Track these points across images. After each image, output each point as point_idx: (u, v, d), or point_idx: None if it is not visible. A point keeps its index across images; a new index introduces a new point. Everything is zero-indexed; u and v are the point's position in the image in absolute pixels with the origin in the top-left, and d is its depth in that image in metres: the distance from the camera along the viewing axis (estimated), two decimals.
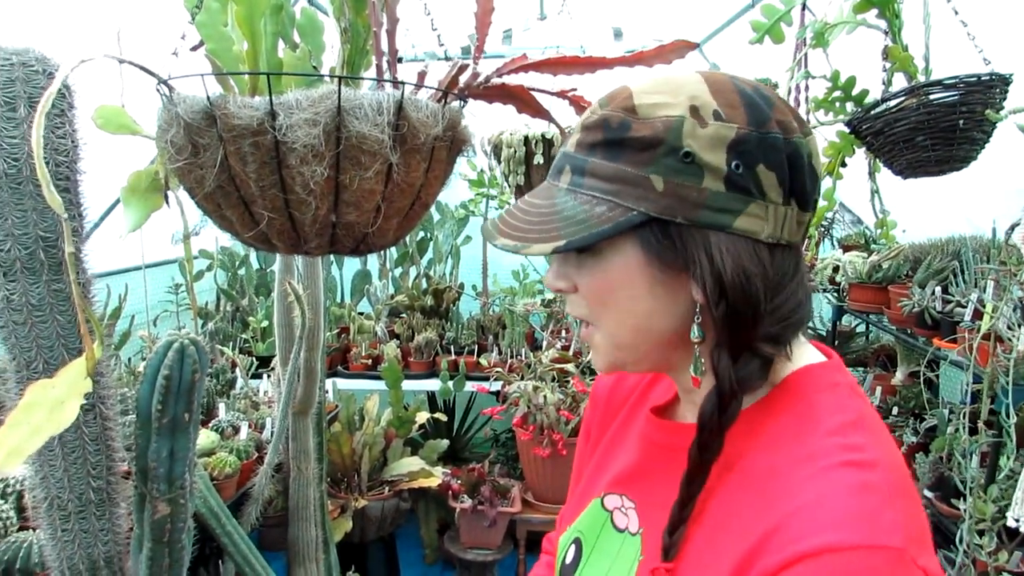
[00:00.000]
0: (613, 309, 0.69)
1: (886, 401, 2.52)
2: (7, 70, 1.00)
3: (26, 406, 0.85)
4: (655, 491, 0.76)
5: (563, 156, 0.69)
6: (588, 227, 0.64)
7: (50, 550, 1.16)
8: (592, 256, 0.68)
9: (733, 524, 0.63)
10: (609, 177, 0.64)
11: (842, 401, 0.66)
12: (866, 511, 0.56)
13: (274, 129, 0.85)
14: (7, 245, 1.01)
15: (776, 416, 0.67)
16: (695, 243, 0.63)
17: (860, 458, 0.60)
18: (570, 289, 0.72)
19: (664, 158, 0.62)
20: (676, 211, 0.63)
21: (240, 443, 2.33)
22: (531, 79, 1.07)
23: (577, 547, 0.83)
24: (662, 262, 0.65)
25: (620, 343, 0.71)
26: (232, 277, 4.00)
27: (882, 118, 1.41)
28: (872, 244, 2.94)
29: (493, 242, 0.67)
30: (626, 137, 0.64)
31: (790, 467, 0.62)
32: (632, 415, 0.90)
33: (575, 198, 0.66)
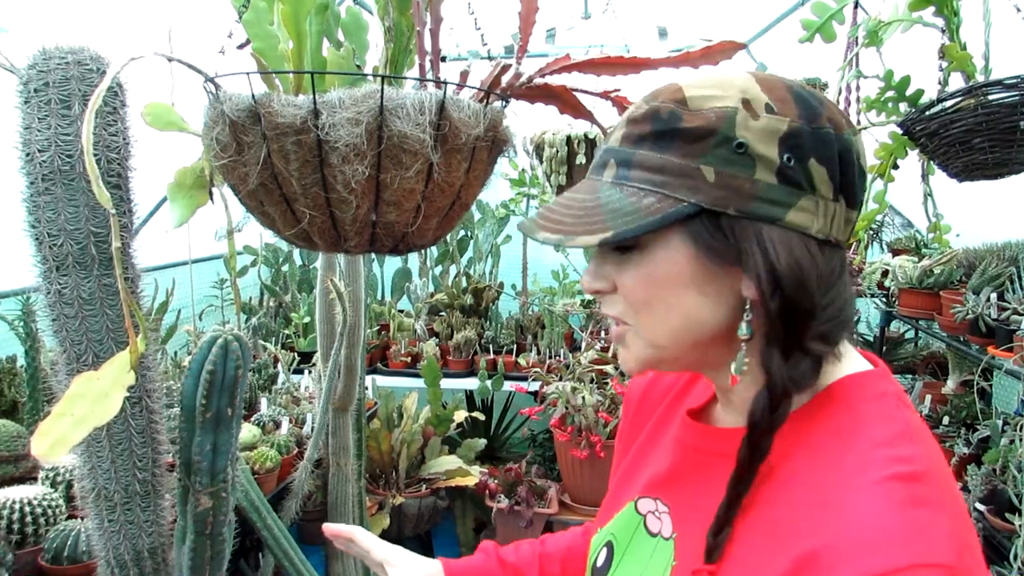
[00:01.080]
0: (656, 306, 0.67)
1: (936, 410, 2.45)
2: (62, 68, 1.02)
3: (71, 397, 0.87)
4: (690, 496, 0.76)
5: (606, 151, 0.68)
6: (636, 219, 0.62)
7: (97, 539, 1.19)
8: (637, 252, 0.66)
9: (778, 531, 0.61)
10: (658, 168, 0.63)
11: (889, 411, 0.65)
12: (915, 527, 0.55)
13: (317, 128, 0.86)
14: (60, 240, 1.03)
15: (821, 423, 0.65)
16: (747, 235, 0.62)
17: (908, 470, 0.59)
18: (609, 289, 0.70)
19: (716, 148, 0.62)
20: (728, 202, 0.62)
21: (281, 438, 2.36)
22: (574, 79, 1.06)
23: (609, 550, 0.83)
24: (712, 255, 0.63)
25: (658, 342, 0.68)
26: (276, 273, 4.06)
27: (937, 119, 1.36)
28: (923, 248, 2.87)
29: (533, 236, 0.65)
30: (677, 128, 0.63)
31: (836, 477, 0.60)
32: (667, 417, 0.89)
33: (621, 191, 0.64)
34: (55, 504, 1.70)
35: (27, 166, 1.03)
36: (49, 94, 1.02)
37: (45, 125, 1.01)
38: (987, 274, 2.04)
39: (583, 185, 0.68)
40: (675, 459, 0.80)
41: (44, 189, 1.03)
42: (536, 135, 2.61)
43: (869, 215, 1.68)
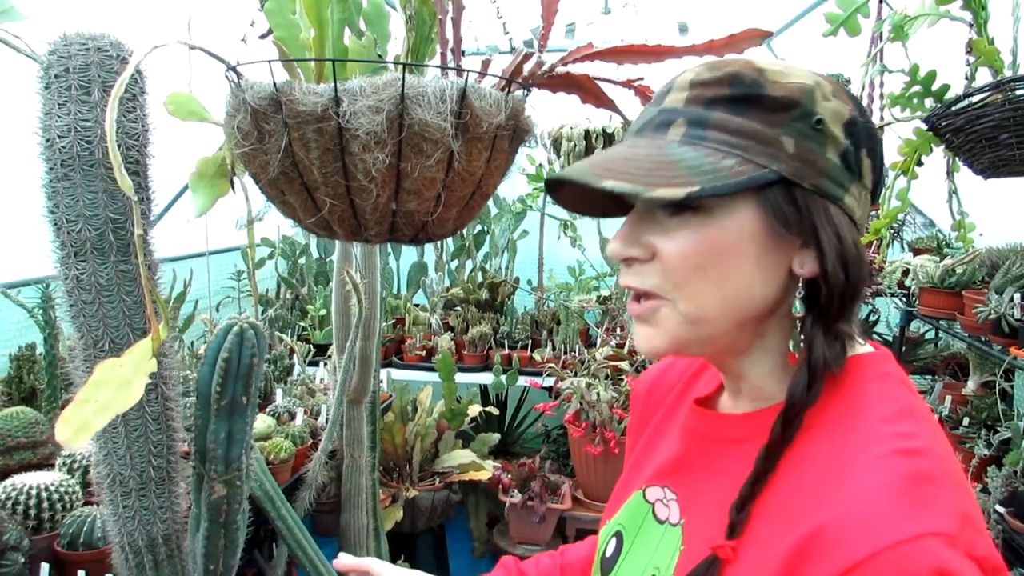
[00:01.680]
0: (709, 276, 0.64)
1: (956, 411, 2.42)
2: (83, 54, 1.02)
3: (94, 383, 0.87)
4: (697, 482, 0.76)
5: (669, 111, 0.66)
6: (721, 177, 0.61)
7: (111, 525, 1.19)
8: (697, 216, 0.64)
9: (789, 507, 0.62)
10: (738, 132, 0.63)
11: (891, 390, 0.66)
12: (919, 500, 0.56)
13: (338, 116, 0.85)
14: (78, 226, 1.03)
15: (827, 402, 0.66)
16: (818, 211, 0.63)
17: (911, 446, 0.60)
18: (645, 257, 0.66)
19: (796, 121, 0.63)
20: (804, 176, 0.62)
21: (296, 429, 2.37)
22: (596, 68, 1.05)
23: (618, 540, 0.83)
24: (780, 227, 0.63)
25: (702, 316, 0.66)
26: (292, 266, 4.08)
27: (964, 114, 1.33)
28: (945, 248, 2.83)
29: (596, 184, 0.60)
30: (760, 94, 0.63)
31: (842, 454, 0.61)
32: (673, 409, 0.89)
33: (696, 149, 0.62)
34: (72, 490, 1.71)
35: (47, 152, 1.03)
36: (69, 80, 1.02)
37: (65, 111, 1.01)
38: (1010, 274, 2.01)
39: (640, 142, 0.66)
40: (683, 447, 0.80)
41: (63, 175, 1.03)
42: (554, 129, 2.60)
43: (891, 213, 1.65)
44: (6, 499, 1.62)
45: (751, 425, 0.72)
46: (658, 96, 0.69)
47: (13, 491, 1.63)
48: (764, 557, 0.61)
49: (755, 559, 0.62)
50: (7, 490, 1.64)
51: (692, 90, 0.65)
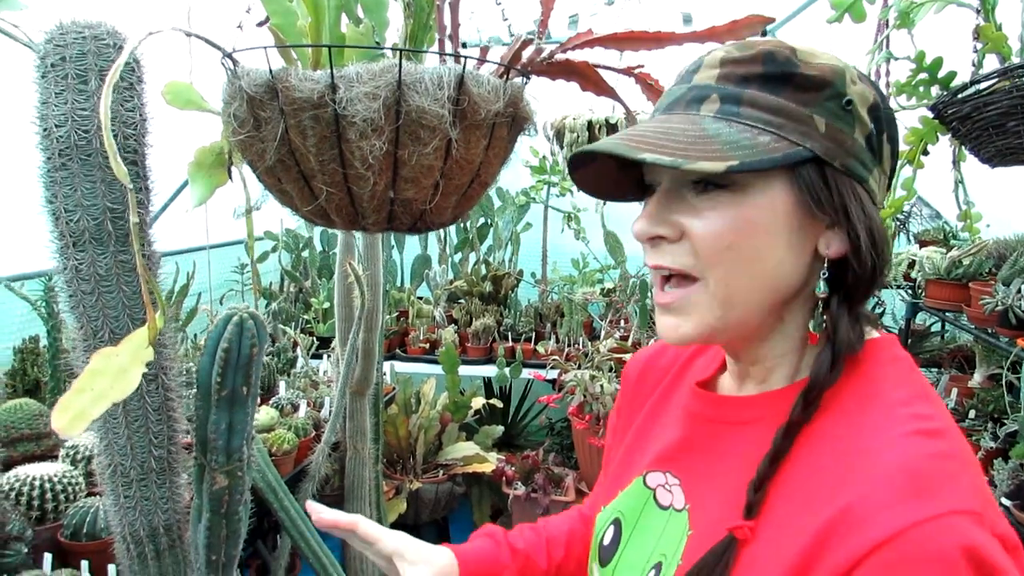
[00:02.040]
0: (742, 254, 0.64)
1: (963, 404, 2.40)
2: (79, 43, 1.01)
3: (91, 372, 0.87)
4: (701, 466, 0.76)
5: (701, 87, 0.66)
6: (758, 153, 0.61)
7: (113, 515, 1.19)
8: (729, 193, 0.64)
9: (810, 487, 0.62)
10: (772, 109, 0.63)
11: (905, 373, 0.67)
12: (943, 478, 0.57)
13: (334, 102, 0.84)
14: (76, 215, 1.03)
15: (843, 383, 0.66)
16: (847, 190, 0.64)
17: (929, 427, 0.61)
18: (674, 236, 0.66)
19: (827, 101, 0.64)
20: (835, 155, 0.63)
21: (299, 421, 2.37)
22: (596, 55, 1.04)
23: (616, 527, 0.83)
24: (810, 206, 0.64)
25: (732, 299, 0.66)
26: (296, 259, 4.08)
27: (970, 102, 1.32)
28: (952, 239, 2.81)
29: (635, 156, 0.60)
30: (793, 72, 0.64)
31: (861, 435, 0.62)
32: (668, 394, 0.89)
33: (730, 125, 0.63)
34: (75, 481, 1.72)
35: (44, 142, 1.03)
36: (66, 69, 1.01)
37: (62, 100, 1.01)
38: (1018, 265, 1.99)
39: (672, 117, 0.66)
40: (686, 431, 0.80)
41: (61, 164, 1.02)
42: (557, 120, 2.59)
43: (897, 203, 1.64)
44: (10, 490, 1.62)
45: (759, 407, 0.73)
46: (686, 74, 0.69)
47: (17, 482, 1.64)
48: (784, 537, 0.61)
49: (774, 539, 0.62)
50: (11, 481, 1.64)
51: (723, 67, 0.66)
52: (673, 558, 0.72)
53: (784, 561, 0.60)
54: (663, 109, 0.69)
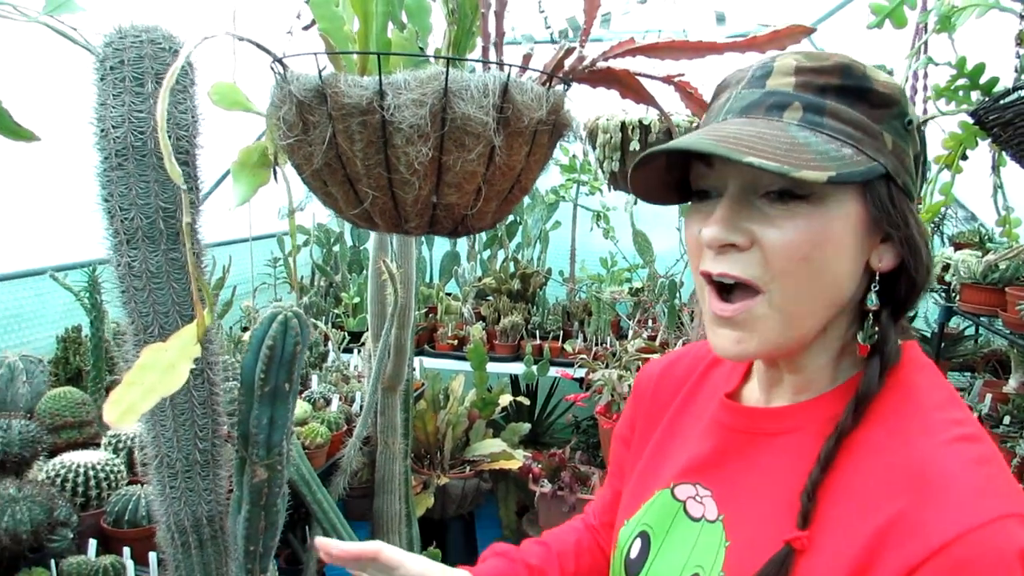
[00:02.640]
0: (811, 269, 0.64)
1: (997, 409, 2.38)
2: (137, 47, 1.05)
3: (141, 367, 0.90)
4: (734, 477, 0.77)
5: (781, 94, 0.66)
6: (848, 165, 0.62)
7: (158, 505, 1.23)
8: (810, 204, 0.64)
9: (860, 495, 0.63)
10: (852, 122, 0.64)
11: (935, 379, 0.70)
12: (993, 482, 0.59)
13: (382, 108, 0.87)
14: (131, 214, 1.07)
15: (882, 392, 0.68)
16: (905, 208, 0.65)
17: (967, 432, 0.63)
18: (745, 245, 0.66)
19: (893, 120, 0.65)
20: (898, 172, 0.65)
21: (331, 415, 2.41)
22: (636, 63, 1.05)
23: (644, 540, 0.83)
24: (875, 222, 0.65)
25: (798, 311, 0.66)
26: (327, 253, 4.13)
27: (1012, 108, 1.31)
28: (988, 242, 2.77)
29: (740, 159, 0.59)
30: (868, 88, 0.65)
31: (909, 443, 0.63)
32: (687, 405, 0.89)
33: (816, 135, 0.63)
34: (117, 469, 1.77)
35: (101, 142, 1.06)
36: (124, 72, 1.05)
37: (119, 102, 1.04)
38: None
39: (758, 122, 0.65)
40: (716, 442, 0.80)
41: (117, 164, 1.06)
42: (590, 121, 2.59)
43: (934, 207, 1.63)
44: (56, 476, 1.67)
45: (794, 418, 0.74)
46: (754, 79, 0.69)
47: (62, 469, 1.69)
48: (838, 545, 0.62)
49: (829, 547, 0.63)
50: (56, 468, 1.69)
51: (800, 76, 0.66)
52: (712, 569, 0.73)
53: (840, 569, 0.61)
54: (738, 112, 0.68)
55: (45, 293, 2.55)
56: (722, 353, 0.70)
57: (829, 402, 0.71)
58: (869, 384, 0.67)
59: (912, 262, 0.66)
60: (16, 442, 1.62)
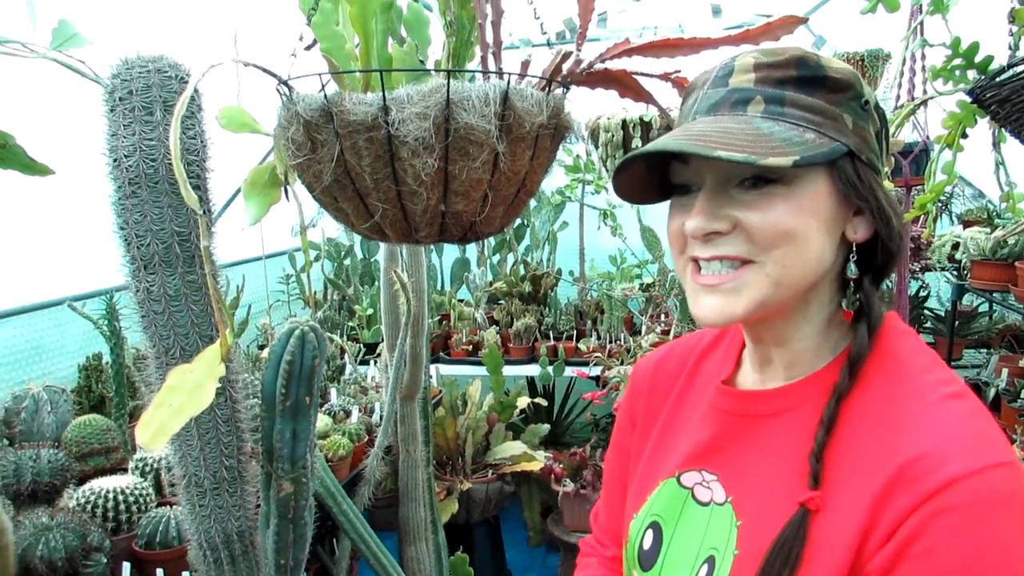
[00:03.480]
0: (792, 244, 0.69)
1: (1014, 384, 2.38)
2: (144, 77, 1.07)
3: (169, 388, 0.92)
4: (738, 459, 0.79)
5: (742, 90, 0.71)
6: (810, 148, 0.67)
7: (189, 524, 1.26)
8: (783, 186, 0.69)
9: (864, 456, 0.67)
10: (810, 108, 0.69)
11: (918, 344, 0.75)
12: (986, 434, 0.64)
13: (387, 124, 0.89)
14: (147, 240, 1.09)
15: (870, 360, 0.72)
16: (873, 182, 0.70)
17: (955, 390, 0.68)
18: (727, 229, 0.70)
19: (851, 101, 0.70)
20: (862, 150, 0.70)
21: (351, 426, 2.43)
22: (632, 63, 1.07)
23: (655, 530, 0.84)
24: (845, 197, 0.70)
25: (784, 281, 0.70)
26: (338, 267, 4.16)
27: (1008, 85, 1.31)
28: (996, 219, 2.77)
29: (710, 154, 0.64)
30: (824, 76, 0.70)
31: (902, 404, 0.68)
32: (684, 397, 0.92)
33: (778, 124, 0.68)
34: (146, 493, 1.79)
35: (115, 171, 1.09)
36: (133, 102, 1.07)
37: (130, 132, 1.07)
38: None
39: (723, 118, 0.70)
40: (717, 428, 0.83)
41: (131, 192, 1.08)
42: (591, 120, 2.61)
43: (937, 187, 1.63)
44: (86, 503, 1.70)
45: (789, 397, 0.77)
46: (717, 78, 0.74)
47: (92, 495, 1.72)
48: (849, 504, 0.66)
49: (840, 506, 0.66)
50: (87, 494, 1.72)
51: (758, 72, 0.71)
52: (727, 549, 0.75)
53: (851, 527, 0.64)
54: (705, 111, 0.73)
55: (65, 323, 2.59)
56: (705, 320, 0.74)
57: (822, 378, 0.75)
58: (860, 346, 0.71)
59: (885, 231, 0.71)
60: (46, 471, 1.65)
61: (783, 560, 0.67)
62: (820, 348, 0.76)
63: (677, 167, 0.76)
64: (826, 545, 0.66)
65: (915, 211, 1.68)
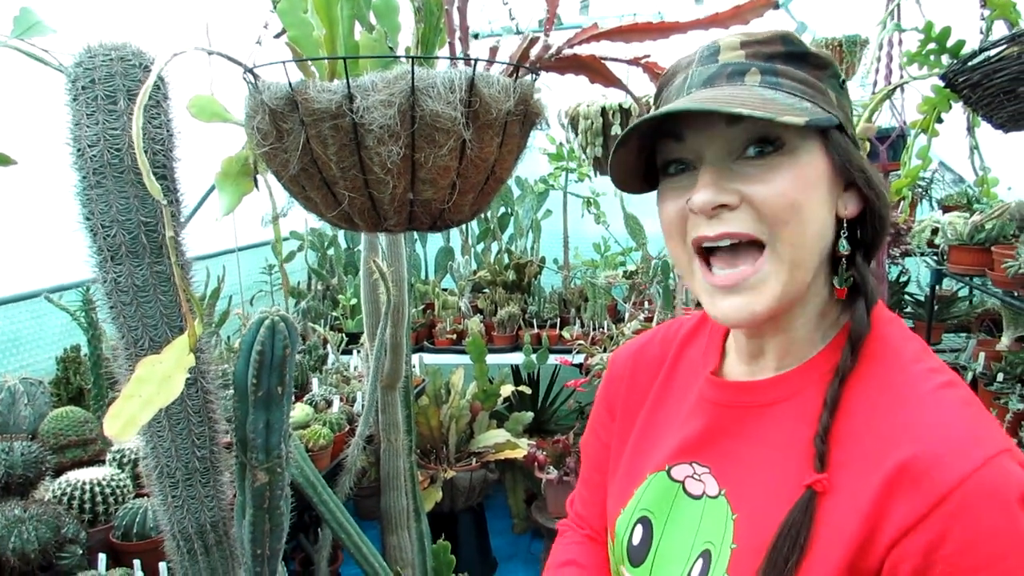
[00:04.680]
0: (799, 217, 0.68)
1: (991, 367, 2.40)
2: (107, 65, 1.06)
3: (138, 380, 0.91)
4: (731, 451, 0.78)
5: (735, 63, 0.71)
6: (813, 113, 0.66)
7: (162, 515, 1.25)
8: (784, 156, 0.68)
9: (865, 444, 0.67)
10: (802, 81, 0.70)
11: (904, 332, 0.74)
12: (981, 423, 0.64)
13: (352, 111, 0.88)
14: (113, 231, 1.08)
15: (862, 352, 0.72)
16: (857, 156, 0.70)
17: (946, 379, 0.68)
18: (735, 203, 0.69)
19: (832, 78, 0.72)
20: (848, 125, 0.71)
21: (333, 416, 2.42)
22: (604, 48, 1.06)
23: (645, 525, 0.83)
24: (838, 170, 0.70)
25: (798, 263, 0.69)
26: (322, 257, 4.14)
27: (980, 69, 1.32)
28: (975, 204, 2.79)
29: (730, 111, 0.64)
30: (808, 52, 0.71)
31: (896, 395, 0.68)
32: (667, 388, 0.90)
33: (778, 92, 0.68)
34: (123, 484, 1.78)
35: (79, 161, 1.07)
36: (96, 91, 1.05)
37: (93, 121, 1.05)
38: None
39: (727, 87, 0.69)
40: (708, 420, 0.81)
41: (96, 183, 1.07)
42: (571, 108, 2.60)
43: (913, 172, 1.64)
44: (62, 495, 1.69)
45: (783, 387, 0.76)
46: (704, 57, 0.73)
47: (68, 487, 1.71)
48: (854, 487, 0.65)
49: (845, 489, 0.66)
50: (63, 486, 1.71)
51: (747, 48, 0.71)
52: (723, 542, 0.74)
53: (858, 511, 0.64)
54: (700, 84, 0.71)
55: (42, 315, 2.57)
56: (728, 321, 0.72)
57: (814, 366, 0.74)
58: (860, 324, 0.71)
59: (877, 202, 0.71)
60: (19, 463, 1.63)
61: (791, 543, 0.66)
62: (813, 336, 0.76)
63: (669, 146, 0.74)
64: (831, 528, 0.65)
65: (892, 196, 1.68)
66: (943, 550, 0.59)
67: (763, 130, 0.67)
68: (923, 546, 0.60)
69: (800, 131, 0.67)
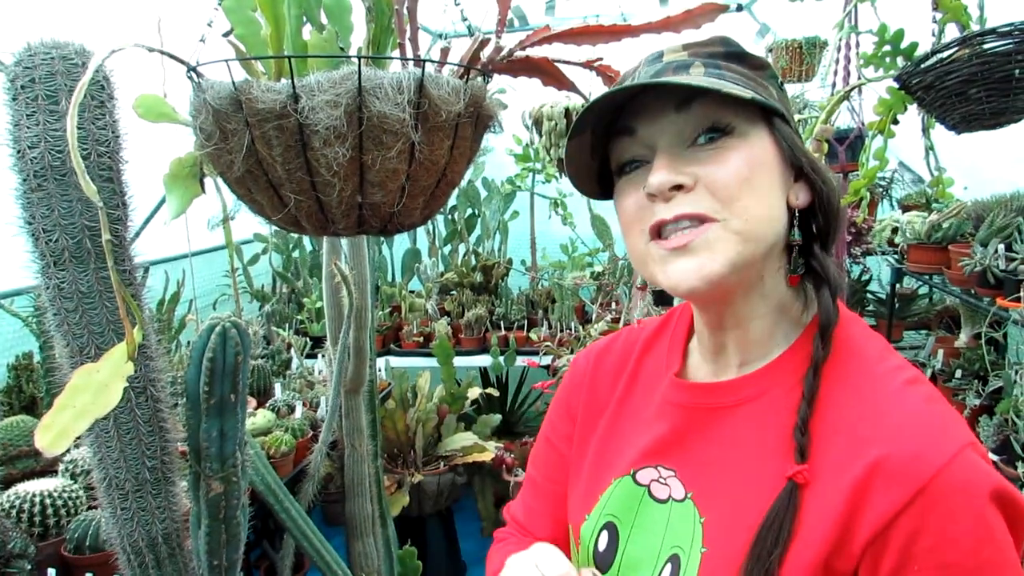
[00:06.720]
0: (751, 192, 0.69)
1: (949, 364, 2.44)
2: (47, 64, 1.03)
3: (72, 389, 0.88)
4: (696, 453, 0.77)
5: (679, 60, 0.73)
6: (758, 96, 0.69)
7: (111, 527, 1.22)
8: (735, 138, 0.70)
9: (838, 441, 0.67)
10: (743, 74, 0.72)
11: (866, 331, 0.75)
12: (945, 419, 0.66)
13: (297, 112, 0.86)
14: (55, 235, 1.05)
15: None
16: (803, 145, 0.73)
17: (910, 376, 0.69)
18: (690, 184, 0.70)
19: (771, 78, 0.75)
20: (789, 119, 0.73)
21: (295, 422, 2.39)
22: (557, 51, 1.05)
23: (610, 531, 0.82)
24: (787, 158, 0.72)
25: (749, 235, 0.69)
26: (287, 260, 4.09)
27: (933, 71, 1.34)
28: (934, 203, 2.83)
29: (692, 83, 0.67)
30: (745, 53, 0.74)
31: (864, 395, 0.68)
32: (630, 391, 0.89)
33: (722, 80, 0.70)
34: (75, 495, 1.74)
35: (18, 163, 1.04)
36: (36, 90, 1.02)
37: (33, 121, 1.02)
38: (995, 225, 2.01)
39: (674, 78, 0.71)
40: (673, 422, 0.80)
41: (37, 185, 1.04)
42: (535, 109, 2.59)
43: (870, 172, 1.66)
44: (11, 507, 1.64)
45: (748, 388, 0.75)
46: (650, 60, 0.76)
47: (17, 499, 1.66)
48: (828, 480, 0.66)
49: (821, 481, 0.66)
50: (11, 499, 1.66)
51: (689, 49, 0.74)
52: (692, 547, 0.73)
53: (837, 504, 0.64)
54: (651, 77, 0.73)
55: None
56: (683, 285, 0.70)
57: (779, 366, 0.74)
58: (827, 312, 0.71)
59: (825, 190, 0.72)
60: None
61: (775, 537, 0.65)
62: (773, 333, 0.76)
63: (622, 144, 0.75)
64: (811, 520, 0.65)
65: (850, 196, 1.70)
66: (921, 543, 0.61)
67: (713, 117, 0.70)
68: (903, 539, 0.61)
69: (749, 118, 0.70)
